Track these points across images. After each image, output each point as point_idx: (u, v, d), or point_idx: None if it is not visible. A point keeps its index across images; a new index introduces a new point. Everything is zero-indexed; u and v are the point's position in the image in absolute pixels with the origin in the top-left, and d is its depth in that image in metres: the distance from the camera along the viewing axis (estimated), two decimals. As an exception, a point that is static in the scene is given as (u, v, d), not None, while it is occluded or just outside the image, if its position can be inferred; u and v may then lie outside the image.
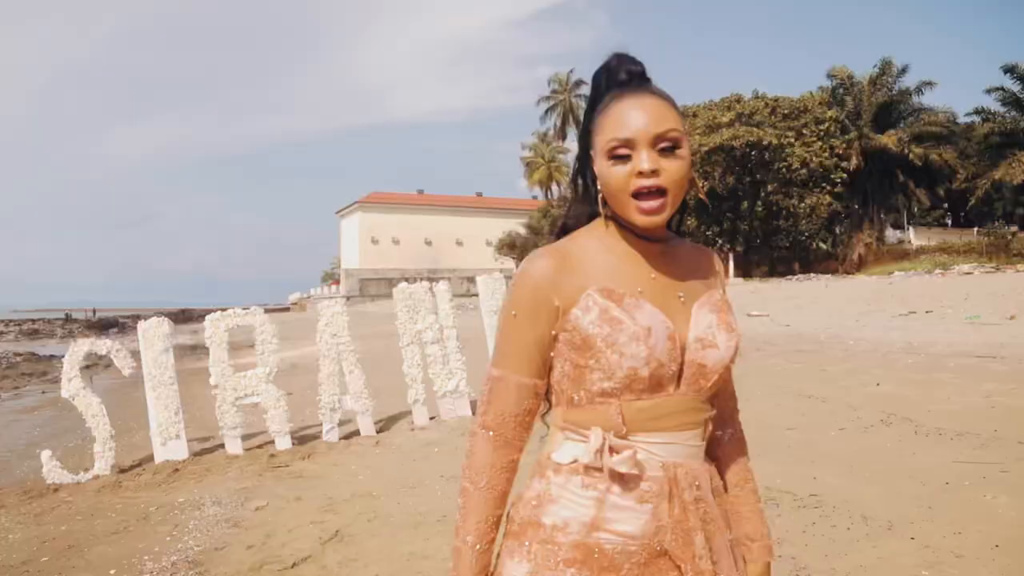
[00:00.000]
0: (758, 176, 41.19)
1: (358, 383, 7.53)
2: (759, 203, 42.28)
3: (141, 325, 7.18)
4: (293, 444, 7.16)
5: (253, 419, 7.38)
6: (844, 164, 40.95)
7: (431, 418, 7.82)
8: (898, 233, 49.00)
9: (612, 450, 1.32)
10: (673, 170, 1.30)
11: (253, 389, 7.14)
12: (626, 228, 1.39)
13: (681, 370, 1.35)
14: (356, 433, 7.50)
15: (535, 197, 70.53)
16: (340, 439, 7.34)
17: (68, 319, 61.09)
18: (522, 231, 54.56)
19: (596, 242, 1.40)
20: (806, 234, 44.00)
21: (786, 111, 41.33)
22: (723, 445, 1.54)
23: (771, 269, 41.77)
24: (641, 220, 1.32)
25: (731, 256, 43.02)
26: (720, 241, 45.21)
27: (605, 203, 1.40)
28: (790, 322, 14.81)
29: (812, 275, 36.33)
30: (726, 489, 1.51)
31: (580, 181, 1.45)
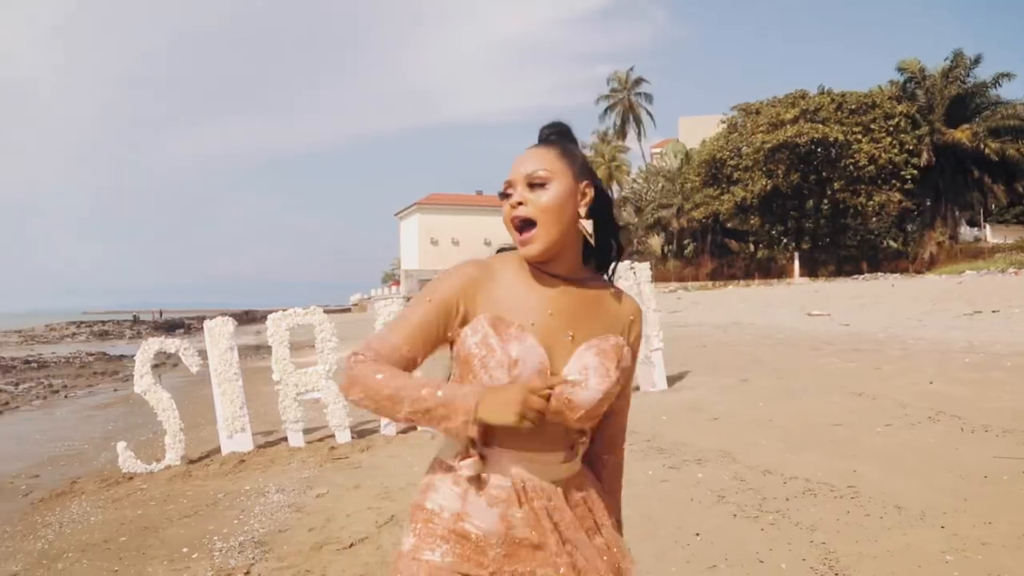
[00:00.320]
0: (824, 173, 40.44)
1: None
2: (825, 201, 41.49)
3: (207, 324, 7.57)
4: (352, 438, 7.46)
5: (314, 414, 7.71)
6: (915, 160, 39.84)
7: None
8: (974, 231, 47.40)
9: (467, 456, 1.51)
10: (538, 200, 1.51)
11: (314, 385, 7.47)
12: (535, 265, 1.57)
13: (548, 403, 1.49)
14: (414, 428, 7.77)
15: (596, 197, 70.05)
16: (397, 433, 7.61)
17: (136, 320, 62.98)
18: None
19: (517, 269, 1.59)
20: (875, 232, 42.95)
21: (853, 106, 40.43)
22: (606, 469, 1.72)
23: (838, 268, 40.90)
24: (521, 251, 1.54)
25: (796, 255, 42.31)
26: (784, 240, 44.47)
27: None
28: (850, 321, 14.65)
29: (879, 274, 35.50)
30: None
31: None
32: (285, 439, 7.49)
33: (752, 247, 48.04)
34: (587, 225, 1.57)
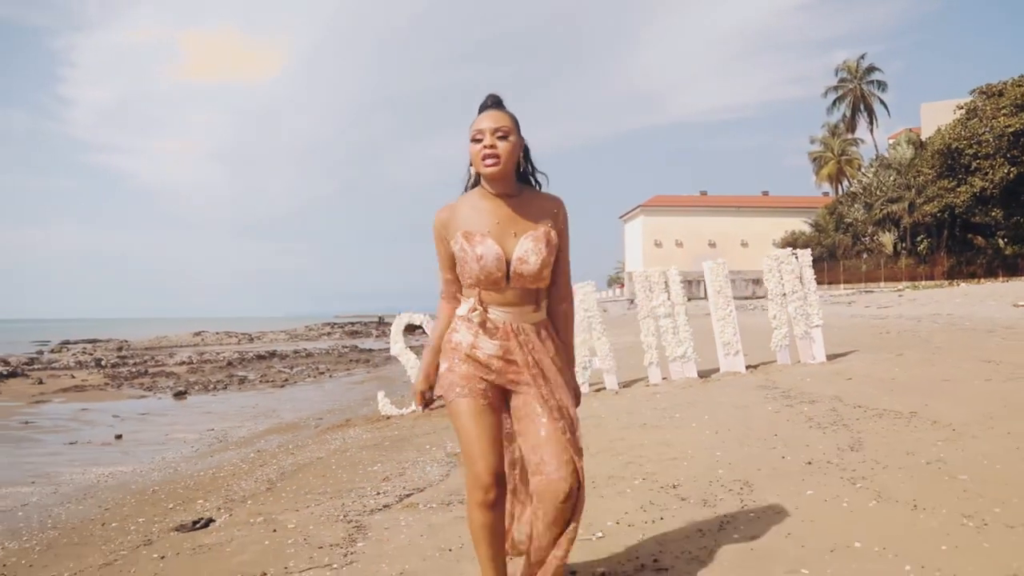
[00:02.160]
0: (1085, 157, 36.70)
1: (604, 348, 9.51)
2: (1085, 188, 37.54)
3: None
4: (587, 391, 9.25)
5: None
6: None
7: (663, 378, 9.56)
8: None
9: (475, 310, 2.46)
10: (503, 146, 2.37)
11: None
12: (487, 191, 2.44)
13: (509, 275, 2.40)
14: (603, 388, 9.47)
15: (825, 193, 66.11)
16: (589, 392, 9.36)
17: (381, 322, 70.14)
18: (807, 230, 52.61)
19: (472, 200, 2.47)
20: None
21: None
22: (561, 319, 2.62)
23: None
24: (487, 171, 2.38)
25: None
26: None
27: (478, 179, 2.49)
28: (1056, 310, 14.47)
29: None
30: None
31: (471, 168, 2.51)
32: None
33: (1001, 242, 44.16)
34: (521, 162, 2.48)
